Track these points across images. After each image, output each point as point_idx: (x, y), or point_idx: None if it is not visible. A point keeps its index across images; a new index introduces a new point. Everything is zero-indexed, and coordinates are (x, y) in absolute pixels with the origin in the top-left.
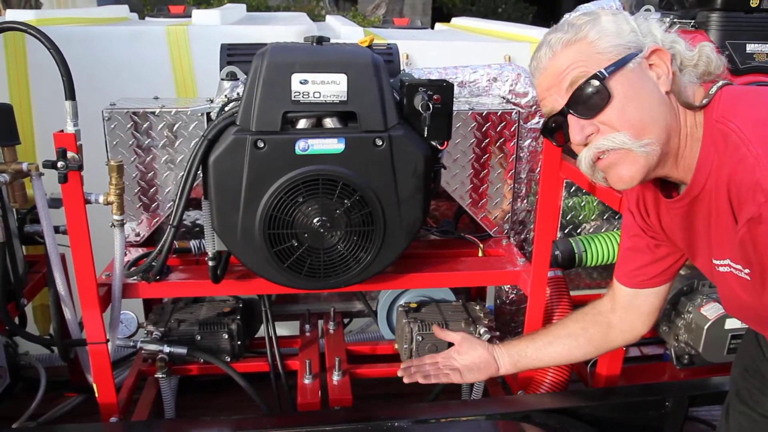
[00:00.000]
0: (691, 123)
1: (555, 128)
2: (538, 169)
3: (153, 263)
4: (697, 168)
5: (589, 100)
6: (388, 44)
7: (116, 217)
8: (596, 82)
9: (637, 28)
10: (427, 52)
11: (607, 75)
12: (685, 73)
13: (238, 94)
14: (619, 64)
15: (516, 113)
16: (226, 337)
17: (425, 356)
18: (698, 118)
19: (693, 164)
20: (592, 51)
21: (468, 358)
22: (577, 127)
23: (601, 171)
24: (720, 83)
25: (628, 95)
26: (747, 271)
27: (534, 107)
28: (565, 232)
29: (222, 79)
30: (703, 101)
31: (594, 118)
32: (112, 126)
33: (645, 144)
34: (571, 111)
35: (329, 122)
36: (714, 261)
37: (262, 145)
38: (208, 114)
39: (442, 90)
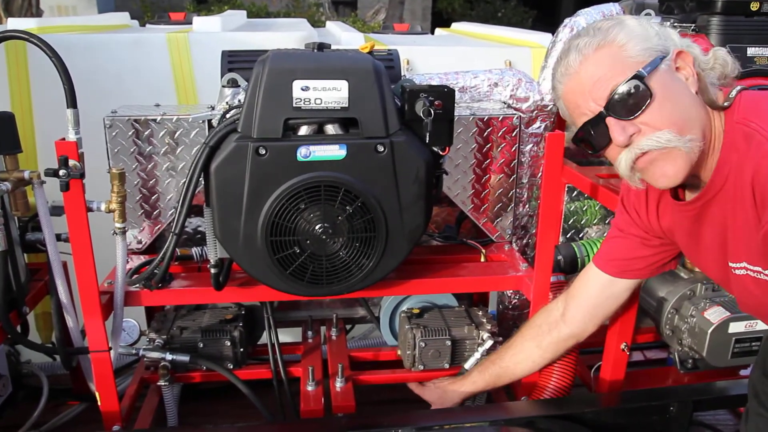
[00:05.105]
0: (716, 123)
1: (588, 134)
2: (540, 174)
3: (155, 271)
4: (716, 169)
5: (629, 102)
6: (389, 50)
7: (118, 225)
8: (636, 83)
9: (660, 32)
10: (428, 57)
11: (646, 75)
12: (705, 75)
13: (239, 101)
14: (654, 65)
15: (517, 118)
16: (229, 344)
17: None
18: (720, 119)
19: (713, 166)
20: (624, 55)
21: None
22: (618, 128)
23: (639, 171)
24: (738, 87)
25: (666, 95)
26: (767, 272)
27: (535, 112)
28: (568, 236)
29: (223, 86)
30: (725, 103)
31: (636, 118)
32: (114, 133)
33: (689, 140)
34: (611, 114)
35: (331, 129)
36: (730, 264)
37: (263, 152)
38: (209, 121)
39: (444, 95)
